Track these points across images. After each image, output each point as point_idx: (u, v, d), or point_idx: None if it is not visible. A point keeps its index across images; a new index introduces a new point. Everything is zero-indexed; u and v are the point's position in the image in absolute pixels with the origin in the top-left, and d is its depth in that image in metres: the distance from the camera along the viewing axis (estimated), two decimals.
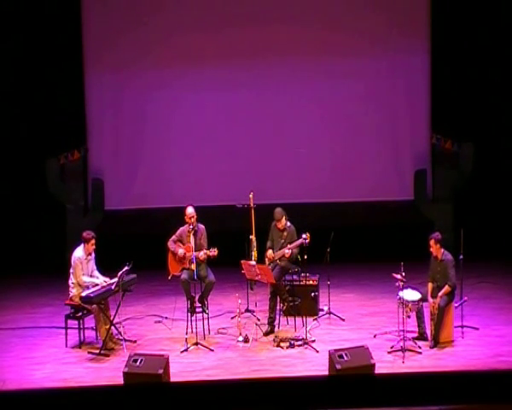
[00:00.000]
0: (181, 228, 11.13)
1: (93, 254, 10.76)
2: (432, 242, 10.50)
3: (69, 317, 10.73)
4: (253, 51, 14.76)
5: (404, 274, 10.18)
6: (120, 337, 10.62)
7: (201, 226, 11.14)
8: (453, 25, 14.31)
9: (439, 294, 10.37)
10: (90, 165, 14.84)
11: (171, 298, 11.58)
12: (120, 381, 9.27)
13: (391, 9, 14.68)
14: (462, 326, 10.69)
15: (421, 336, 10.49)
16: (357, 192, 14.81)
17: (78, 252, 10.64)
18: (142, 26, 14.58)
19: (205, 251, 10.90)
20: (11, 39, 14.04)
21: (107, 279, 10.68)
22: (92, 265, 10.76)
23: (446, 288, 10.37)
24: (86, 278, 10.60)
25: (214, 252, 10.89)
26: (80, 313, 10.65)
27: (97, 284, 10.55)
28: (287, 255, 10.96)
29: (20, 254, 13.92)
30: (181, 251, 10.98)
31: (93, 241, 10.66)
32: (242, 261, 10.97)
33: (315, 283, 11.57)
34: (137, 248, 13.16)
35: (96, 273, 10.79)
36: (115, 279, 10.52)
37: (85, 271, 10.64)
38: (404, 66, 14.75)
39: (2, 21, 14.03)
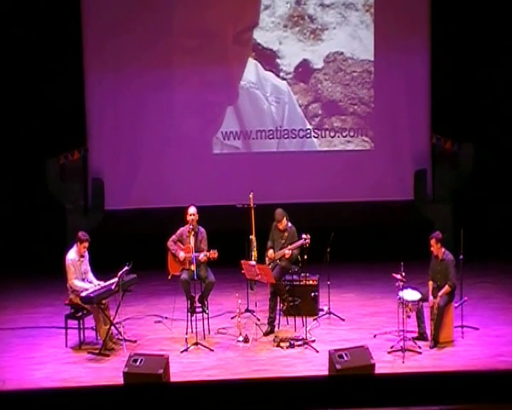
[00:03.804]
0: (181, 228, 11.13)
1: (86, 256, 10.74)
2: (433, 241, 10.50)
3: (69, 317, 10.73)
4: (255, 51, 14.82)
5: (404, 274, 10.18)
6: (120, 337, 10.61)
7: (202, 229, 11.13)
8: (453, 24, 14.30)
9: (439, 294, 10.37)
10: (90, 165, 14.83)
11: (171, 298, 11.56)
12: (120, 381, 9.27)
13: (390, 9, 14.69)
14: (462, 326, 10.68)
15: (421, 336, 10.49)
16: (357, 192, 14.81)
17: (71, 254, 10.62)
18: (143, 26, 14.57)
19: (205, 253, 10.90)
20: (11, 39, 14.03)
21: (100, 283, 10.65)
22: (85, 266, 10.74)
23: (446, 288, 10.37)
24: (78, 283, 10.55)
25: (214, 254, 10.89)
26: (80, 313, 10.64)
27: (88, 289, 10.51)
28: (287, 255, 10.96)
29: (20, 254, 13.91)
30: (182, 254, 10.97)
31: (86, 244, 10.62)
32: (242, 261, 10.97)
33: (315, 283, 11.56)
34: (137, 248, 13.16)
35: (90, 276, 10.77)
36: (115, 279, 10.51)
37: (78, 273, 10.59)
38: (404, 65, 14.75)
39: (1, 22, 14.02)
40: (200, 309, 11.00)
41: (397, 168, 14.96)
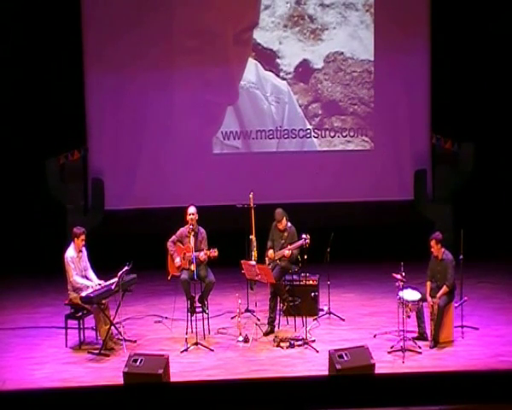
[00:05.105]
0: (181, 229, 11.13)
1: (84, 251, 10.73)
2: (433, 242, 10.49)
3: (69, 317, 10.73)
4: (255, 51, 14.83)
5: (404, 274, 10.18)
6: (120, 337, 10.61)
7: (202, 230, 11.13)
8: (453, 25, 14.31)
9: (438, 295, 10.37)
10: (90, 165, 14.84)
11: (171, 298, 11.56)
12: (120, 381, 9.27)
13: (390, 9, 14.70)
14: (462, 326, 10.68)
15: (421, 336, 10.48)
16: (357, 192, 14.82)
17: (69, 252, 10.62)
18: (143, 26, 14.58)
19: (205, 251, 10.91)
20: (11, 39, 14.03)
21: (101, 282, 10.64)
22: (85, 263, 10.74)
23: (444, 288, 10.37)
24: (79, 279, 10.55)
25: (214, 253, 10.89)
26: (80, 313, 10.63)
27: (89, 287, 10.51)
28: (287, 255, 10.96)
29: (20, 254, 13.90)
30: (178, 261, 10.98)
31: (83, 236, 10.64)
32: (242, 261, 10.97)
33: (315, 283, 11.56)
34: (137, 248, 13.14)
35: (90, 273, 10.76)
36: (115, 279, 10.50)
37: (78, 270, 10.60)
38: (404, 65, 14.76)
39: (1, 22, 14.02)
40: (200, 309, 11.00)
41: (397, 168, 14.97)
